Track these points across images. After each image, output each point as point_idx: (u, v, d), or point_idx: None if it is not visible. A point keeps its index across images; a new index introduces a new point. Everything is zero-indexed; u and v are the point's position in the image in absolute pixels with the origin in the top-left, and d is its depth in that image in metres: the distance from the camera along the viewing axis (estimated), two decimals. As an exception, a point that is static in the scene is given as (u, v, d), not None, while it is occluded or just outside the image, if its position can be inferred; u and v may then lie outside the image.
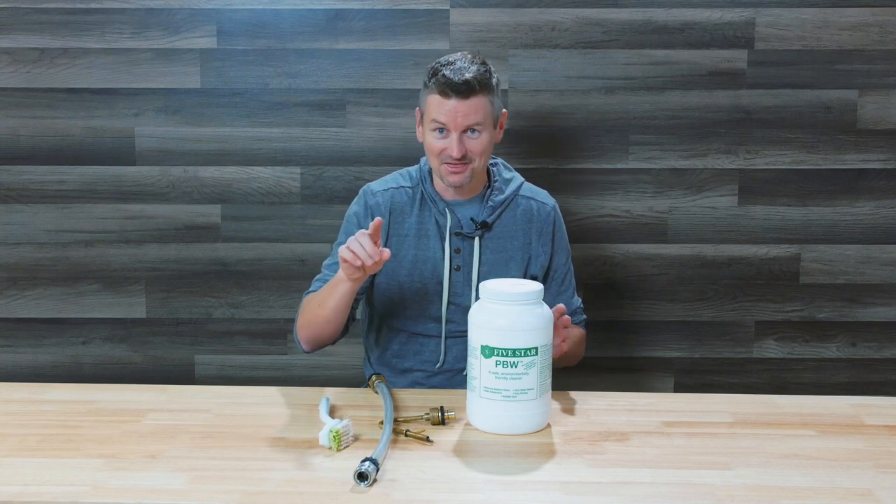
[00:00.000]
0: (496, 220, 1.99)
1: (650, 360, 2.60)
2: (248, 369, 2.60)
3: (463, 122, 1.87)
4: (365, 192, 2.03)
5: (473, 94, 1.86)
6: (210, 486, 1.39)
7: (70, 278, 2.56)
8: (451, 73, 1.86)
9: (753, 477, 1.44)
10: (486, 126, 1.90)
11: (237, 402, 1.75)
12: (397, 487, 1.39)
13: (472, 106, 1.87)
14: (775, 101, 2.47)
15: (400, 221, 1.99)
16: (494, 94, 1.92)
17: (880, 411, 1.73)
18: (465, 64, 1.88)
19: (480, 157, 1.91)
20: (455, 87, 1.85)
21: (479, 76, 1.87)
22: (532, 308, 1.58)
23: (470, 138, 1.89)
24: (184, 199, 2.52)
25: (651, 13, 2.43)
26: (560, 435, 1.60)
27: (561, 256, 2.06)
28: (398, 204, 2.00)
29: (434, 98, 1.89)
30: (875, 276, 2.55)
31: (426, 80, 1.91)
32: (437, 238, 1.98)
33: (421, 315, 2.00)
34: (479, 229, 1.97)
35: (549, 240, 2.03)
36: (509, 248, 2.00)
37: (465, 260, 1.97)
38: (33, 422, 1.64)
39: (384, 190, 2.01)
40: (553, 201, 2.08)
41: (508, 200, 2.01)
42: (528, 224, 2.02)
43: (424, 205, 2.00)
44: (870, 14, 2.43)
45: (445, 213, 1.97)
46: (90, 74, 2.47)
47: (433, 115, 1.89)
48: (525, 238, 2.01)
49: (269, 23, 2.44)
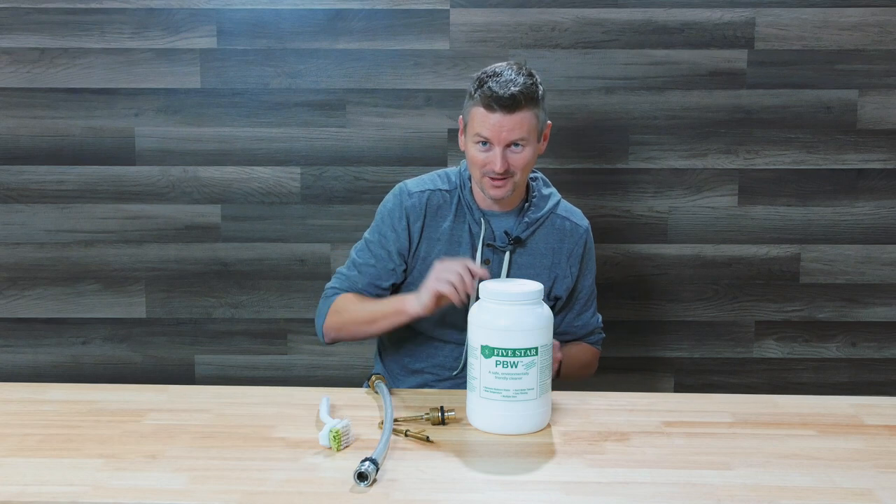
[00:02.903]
0: (530, 236, 1.96)
1: (650, 360, 2.60)
2: (248, 369, 2.60)
3: (507, 137, 1.81)
4: (402, 191, 1.98)
5: (519, 109, 1.81)
6: (210, 486, 1.39)
7: (70, 278, 2.56)
8: (497, 86, 1.80)
9: (753, 477, 1.44)
10: (531, 140, 1.84)
11: (237, 402, 1.75)
12: (397, 487, 1.39)
13: (517, 121, 1.81)
14: (775, 101, 2.47)
15: (434, 225, 1.95)
16: (540, 107, 1.86)
17: (880, 411, 1.73)
18: (512, 76, 1.81)
19: (523, 171, 1.86)
20: (500, 102, 1.79)
21: (526, 90, 1.81)
22: (532, 308, 1.58)
23: (513, 153, 1.83)
24: (184, 199, 2.52)
25: (651, 13, 2.43)
26: (560, 435, 1.60)
27: (587, 278, 2.03)
28: (434, 206, 1.96)
29: (478, 111, 1.83)
30: (875, 276, 2.55)
31: (471, 91, 1.85)
32: (468, 246, 1.94)
33: (441, 321, 1.97)
34: (511, 244, 1.94)
35: (577, 262, 1.99)
36: (537, 265, 1.96)
37: (494, 272, 1.94)
38: (33, 422, 1.64)
39: (421, 191, 1.96)
40: (587, 223, 2.02)
41: (544, 218, 1.97)
42: (559, 244, 1.98)
43: (460, 211, 1.96)
44: (870, 14, 2.43)
45: (481, 222, 1.94)
46: (90, 74, 2.47)
47: (477, 129, 1.83)
48: (555, 258, 1.97)
49: (269, 23, 2.44)
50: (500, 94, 1.79)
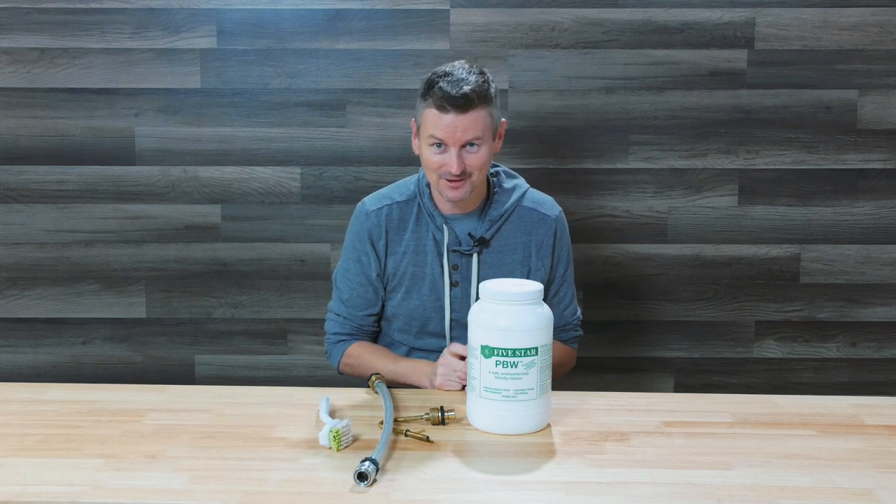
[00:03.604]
0: (495, 234, 1.94)
1: (650, 360, 2.60)
2: (248, 369, 2.60)
3: (462, 138, 1.80)
4: (360, 212, 1.98)
5: (472, 108, 1.79)
6: (210, 486, 1.39)
7: (70, 278, 2.56)
8: (448, 85, 1.78)
9: (753, 477, 1.44)
10: (486, 139, 1.83)
11: (237, 402, 1.75)
12: (397, 487, 1.39)
13: (470, 120, 1.79)
14: (775, 101, 2.47)
15: (397, 239, 1.95)
16: (493, 104, 1.85)
17: (880, 411, 1.72)
18: (464, 75, 1.80)
19: (480, 171, 1.85)
20: (453, 101, 1.77)
21: (478, 88, 1.79)
22: (532, 308, 1.58)
23: (469, 153, 1.82)
24: (184, 199, 2.52)
25: (651, 13, 2.43)
26: (560, 435, 1.60)
27: (559, 268, 2.00)
28: (394, 221, 1.95)
29: (431, 112, 1.81)
30: (875, 276, 2.55)
31: (422, 92, 1.83)
32: (434, 255, 1.94)
33: (422, 331, 1.98)
34: (476, 245, 1.92)
35: (548, 252, 1.97)
36: (508, 262, 1.95)
37: (464, 275, 1.93)
38: (33, 422, 1.64)
39: (378, 209, 1.95)
40: (557, 210, 2.00)
41: (508, 213, 1.95)
42: (527, 237, 1.96)
43: (421, 220, 1.94)
44: (870, 14, 2.43)
45: (443, 228, 1.92)
46: (90, 74, 2.47)
47: (430, 130, 1.82)
48: (525, 251, 1.96)
49: (269, 23, 2.44)
50: (452, 94, 1.77)
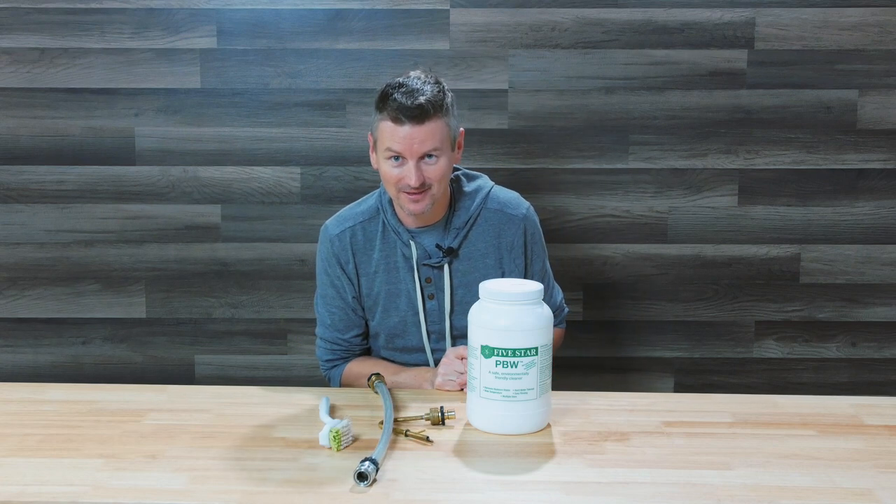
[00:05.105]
0: (462, 241, 1.92)
1: (650, 360, 2.60)
2: (248, 369, 2.60)
3: (419, 150, 1.77)
4: (325, 237, 1.96)
5: (428, 119, 1.76)
6: (210, 486, 1.39)
7: (70, 278, 2.56)
8: (402, 97, 1.75)
9: (753, 477, 1.44)
10: (444, 150, 1.81)
11: (237, 402, 1.75)
12: (397, 487, 1.39)
13: (427, 132, 1.77)
14: (775, 101, 2.47)
15: (365, 260, 1.93)
16: (450, 114, 1.82)
17: (880, 411, 1.72)
18: (419, 85, 1.77)
19: (440, 182, 1.82)
20: (408, 113, 1.75)
21: (433, 97, 1.77)
22: (532, 308, 1.58)
23: (427, 164, 1.79)
24: (184, 199, 2.52)
25: (651, 13, 2.43)
26: (560, 435, 1.60)
27: (536, 264, 1.99)
28: (359, 242, 1.93)
29: (387, 125, 1.78)
30: (875, 276, 2.55)
31: (377, 105, 1.80)
32: (406, 270, 1.92)
33: (403, 346, 1.98)
34: (445, 257, 1.90)
35: (521, 252, 1.96)
36: (481, 267, 1.93)
37: (438, 287, 1.92)
38: (33, 422, 1.64)
39: (342, 231, 1.93)
40: (524, 208, 1.97)
41: (473, 217, 1.92)
42: (497, 240, 1.94)
43: (387, 237, 1.92)
44: (870, 14, 2.43)
45: (410, 244, 1.90)
46: (90, 74, 2.47)
47: (387, 143, 1.79)
48: (496, 255, 1.94)
49: (269, 23, 2.44)
50: (407, 105, 1.75)
